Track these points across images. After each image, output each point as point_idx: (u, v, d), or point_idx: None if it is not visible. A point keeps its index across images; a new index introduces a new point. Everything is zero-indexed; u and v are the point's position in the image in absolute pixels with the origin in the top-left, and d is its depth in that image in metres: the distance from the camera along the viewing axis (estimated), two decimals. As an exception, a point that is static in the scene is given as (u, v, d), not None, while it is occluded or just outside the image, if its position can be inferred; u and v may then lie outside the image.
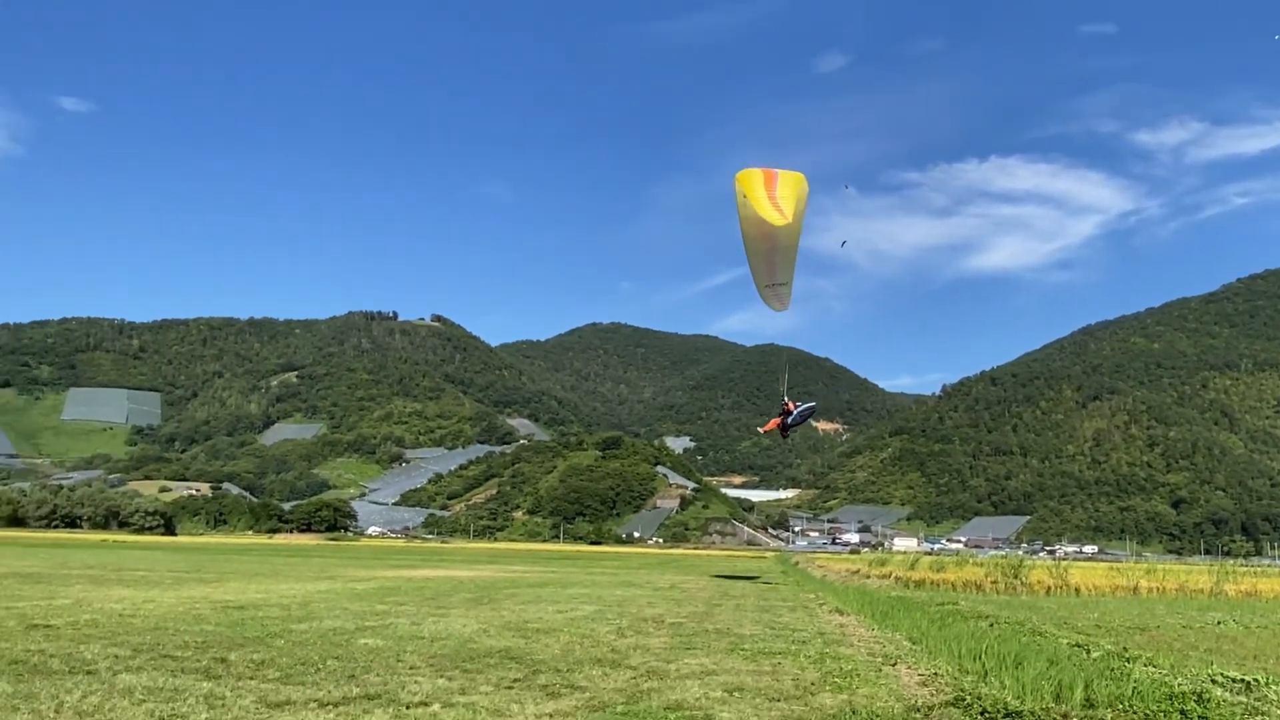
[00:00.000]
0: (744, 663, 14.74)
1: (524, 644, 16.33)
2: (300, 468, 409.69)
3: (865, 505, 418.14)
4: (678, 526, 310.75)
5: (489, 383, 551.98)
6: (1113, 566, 65.55)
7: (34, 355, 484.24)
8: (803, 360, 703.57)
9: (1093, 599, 39.19)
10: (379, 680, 12.01)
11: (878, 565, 57.12)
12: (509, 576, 45.07)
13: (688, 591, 36.25)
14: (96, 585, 29.29)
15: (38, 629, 16.42)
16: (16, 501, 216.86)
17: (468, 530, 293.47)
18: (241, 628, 17.71)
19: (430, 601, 26.23)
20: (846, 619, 24.05)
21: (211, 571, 41.67)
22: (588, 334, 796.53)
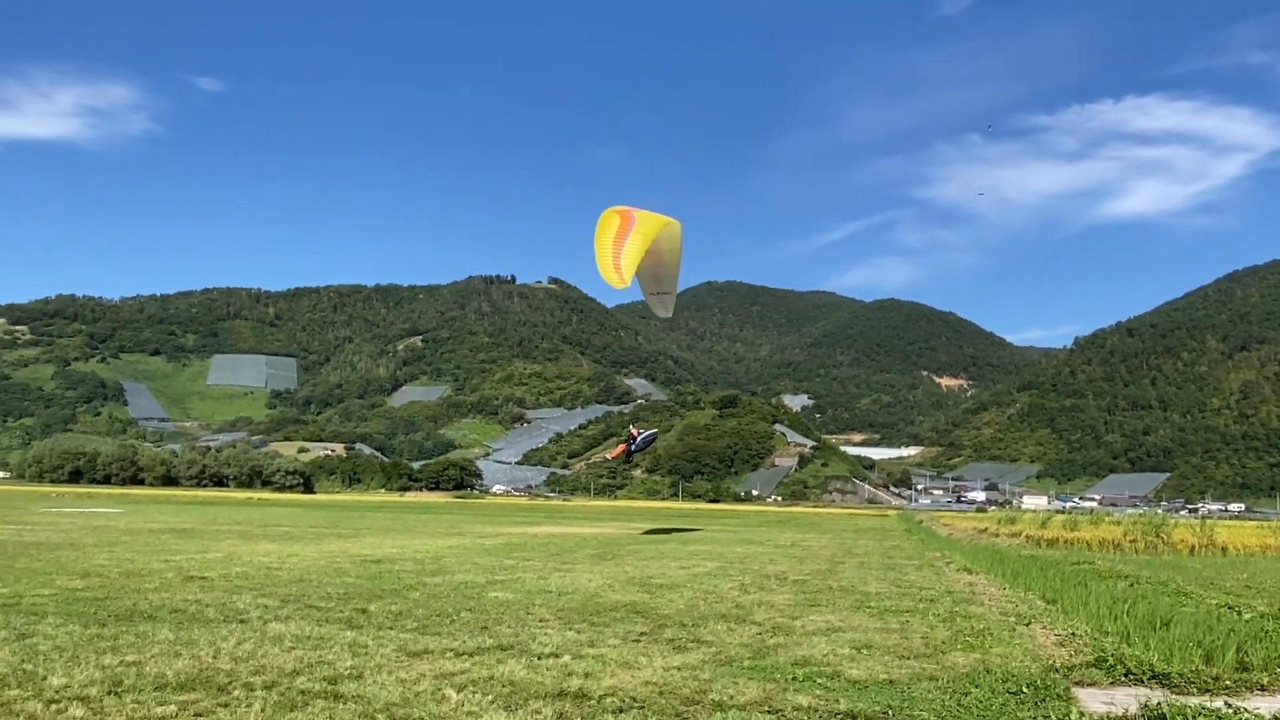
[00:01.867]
0: (871, 620, 14.56)
1: (648, 599, 16.51)
2: (427, 428, 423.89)
3: (992, 463, 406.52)
4: (796, 485, 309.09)
5: (606, 343, 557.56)
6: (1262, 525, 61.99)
7: (180, 325, 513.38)
8: (924, 315, 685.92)
9: (1241, 559, 37.20)
10: (510, 632, 12.33)
11: (1007, 524, 55.53)
12: (630, 533, 45.69)
13: (809, 549, 36.03)
14: (245, 540, 31.02)
15: (194, 580, 17.49)
16: (170, 462, 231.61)
17: (588, 488, 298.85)
18: (379, 580, 18.47)
19: (555, 557, 26.81)
20: (975, 578, 23.47)
21: (349, 527, 43.59)
22: (703, 293, 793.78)
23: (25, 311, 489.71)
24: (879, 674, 10.29)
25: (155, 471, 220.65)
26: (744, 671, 10.22)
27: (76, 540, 27.90)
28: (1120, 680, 10.39)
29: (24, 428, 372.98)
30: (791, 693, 9.26)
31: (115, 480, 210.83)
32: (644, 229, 37.03)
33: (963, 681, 9.99)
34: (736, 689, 9.33)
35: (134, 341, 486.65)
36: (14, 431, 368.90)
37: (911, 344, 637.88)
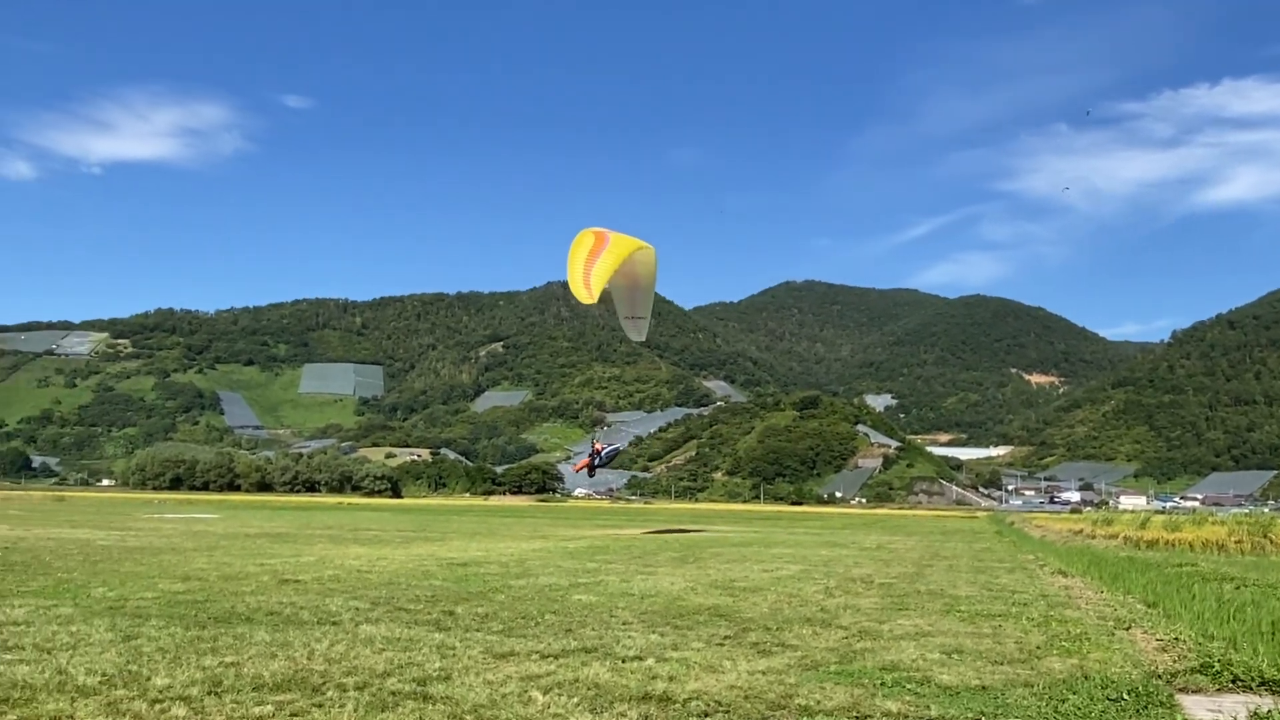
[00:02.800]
0: (961, 624, 14.22)
1: (732, 602, 16.42)
2: (509, 433, 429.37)
3: (1086, 462, 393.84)
4: (881, 486, 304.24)
5: (684, 346, 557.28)
6: (1381, 525, 58.73)
7: (272, 335, 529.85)
8: (1012, 311, 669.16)
9: (1358, 561, 35.28)
10: (594, 634, 12.38)
11: (1103, 524, 53.79)
12: (712, 536, 45.53)
13: (896, 551, 35.41)
14: (336, 544, 31.81)
15: (288, 583, 17.99)
16: (264, 469, 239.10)
17: (669, 491, 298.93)
18: (465, 583, 18.74)
19: (638, 560, 26.85)
20: (1071, 580, 22.77)
21: (435, 531, 44.37)
22: (781, 293, 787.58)
23: (127, 326, 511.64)
24: (971, 679, 10.04)
25: (251, 478, 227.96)
26: (830, 676, 10.08)
27: (177, 545, 28.97)
28: (1227, 687, 9.96)
29: (127, 437, 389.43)
30: (880, 698, 9.10)
31: (213, 487, 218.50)
32: (616, 250, 38.32)
33: (1059, 688, 9.69)
34: (823, 694, 9.20)
35: (229, 352, 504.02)
36: (118, 441, 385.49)
37: (999, 341, 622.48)
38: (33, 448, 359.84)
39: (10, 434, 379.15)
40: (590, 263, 37.63)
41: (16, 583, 16.87)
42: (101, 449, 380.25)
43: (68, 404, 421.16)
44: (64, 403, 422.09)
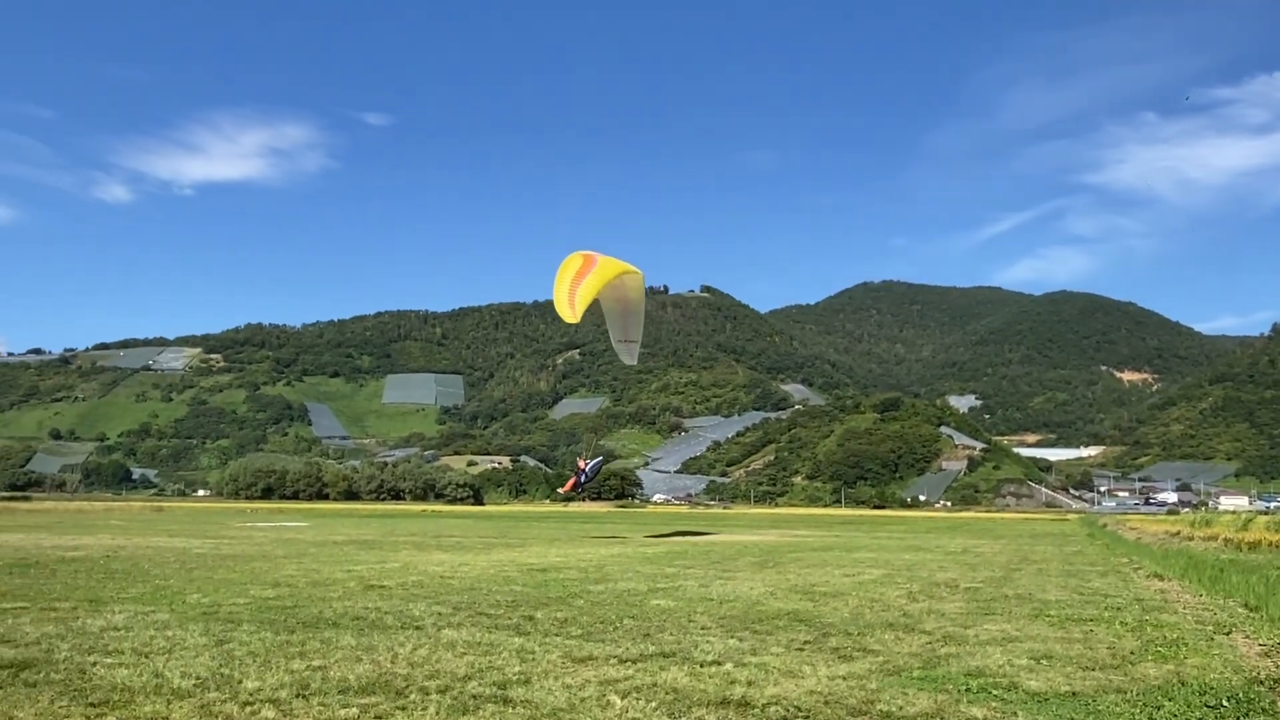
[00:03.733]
0: (1050, 630, 13.82)
1: (812, 607, 16.23)
2: (588, 439, 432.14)
3: (1182, 462, 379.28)
4: (966, 489, 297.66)
5: (760, 349, 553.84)
6: None
7: (356, 347, 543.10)
8: (1101, 306, 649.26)
9: None
10: (673, 639, 12.36)
11: (1201, 526, 51.75)
12: (792, 541, 45.11)
13: (982, 555, 34.60)
14: (419, 550, 32.39)
15: (373, 589, 18.37)
16: (350, 478, 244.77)
17: (748, 496, 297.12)
18: (545, 588, 18.90)
19: (716, 565, 26.74)
20: (1167, 584, 21.95)
21: (516, 537, 44.85)
22: (859, 294, 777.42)
23: (219, 341, 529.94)
24: (1060, 686, 9.75)
25: (338, 487, 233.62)
26: (913, 681, 9.89)
27: (268, 552, 29.83)
28: (1339, 696, 9.46)
29: (221, 449, 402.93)
30: (965, 704, 8.89)
31: (302, 496, 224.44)
32: (603, 272, 39.55)
33: (1154, 694, 9.34)
34: (906, 699, 9.03)
35: (315, 365, 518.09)
36: (212, 453, 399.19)
37: (1088, 338, 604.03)
38: (133, 460, 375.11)
39: (111, 447, 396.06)
40: (576, 283, 39.05)
41: (117, 589, 17.56)
42: (196, 460, 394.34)
43: (164, 417, 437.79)
44: (161, 416, 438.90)
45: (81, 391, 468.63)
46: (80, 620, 13.13)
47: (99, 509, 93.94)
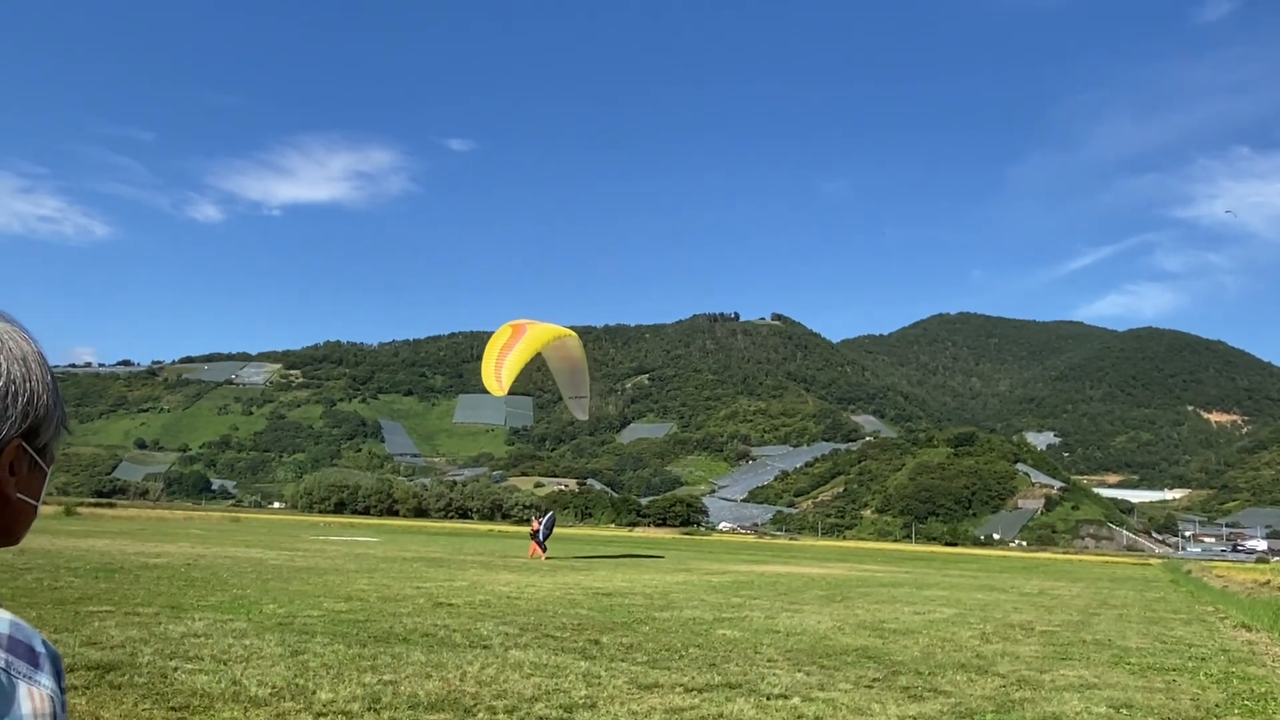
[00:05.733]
0: (1131, 678, 13.35)
1: (881, 644, 15.95)
2: (654, 465, 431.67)
3: (1273, 508, 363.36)
4: (1043, 529, 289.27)
5: (831, 379, 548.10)
6: None
7: (429, 367, 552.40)
8: (1188, 345, 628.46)
9: None
10: (738, 670, 12.26)
11: (1293, 576, 49.47)
12: (861, 575, 44.36)
13: (1059, 598, 33.59)
14: (487, 570, 32.67)
15: (442, 607, 18.59)
16: (420, 495, 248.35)
17: (816, 527, 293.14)
18: (611, 613, 18.90)
19: (783, 597, 26.44)
20: (1255, 635, 21.03)
21: (582, 561, 44.95)
22: (934, 325, 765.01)
23: (298, 358, 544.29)
24: (1141, 737, 9.41)
25: (408, 504, 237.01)
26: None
27: (340, 566, 30.40)
28: None
29: (297, 463, 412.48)
30: (1040, 751, 8.64)
31: (373, 511, 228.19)
32: (531, 342, 41.16)
33: (1243, 752, 8.96)
34: (978, 743, 8.81)
35: (390, 383, 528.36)
36: (289, 466, 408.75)
37: (1174, 376, 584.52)
38: (212, 471, 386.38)
39: (193, 458, 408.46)
40: (504, 355, 40.43)
41: (197, 597, 18.08)
42: (273, 473, 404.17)
43: (244, 430, 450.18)
44: (241, 429, 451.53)
45: (166, 403, 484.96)
46: (162, 626, 13.54)
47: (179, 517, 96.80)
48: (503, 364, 40.38)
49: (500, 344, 41.21)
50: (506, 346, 40.91)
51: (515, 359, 40.51)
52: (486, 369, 41.22)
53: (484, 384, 42.14)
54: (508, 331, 41.81)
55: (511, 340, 41.16)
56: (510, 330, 41.84)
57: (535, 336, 41.66)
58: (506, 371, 40.26)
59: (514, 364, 40.42)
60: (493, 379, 40.65)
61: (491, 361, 40.87)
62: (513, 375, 40.50)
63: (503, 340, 41.35)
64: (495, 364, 40.60)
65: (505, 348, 40.87)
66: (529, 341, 41.20)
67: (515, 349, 40.77)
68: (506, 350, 40.77)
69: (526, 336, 41.30)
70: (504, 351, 40.76)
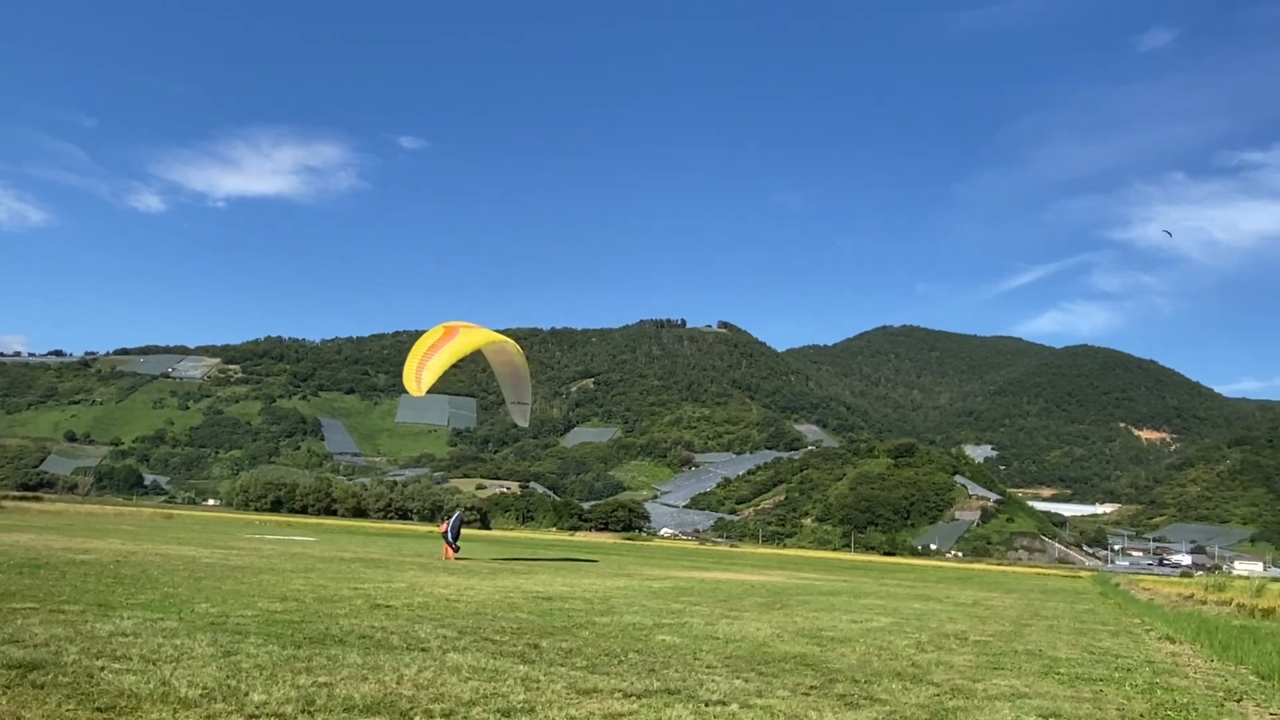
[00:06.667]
0: (1060, 687, 13.65)
1: (819, 651, 16.10)
2: (597, 469, 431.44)
3: (1199, 524, 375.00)
4: (979, 540, 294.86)
5: (776, 388, 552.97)
6: None
7: (372, 365, 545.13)
8: (1122, 363, 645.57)
9: None
10: (678, 676, 12.28)
11: (1215, 590, 51.05)
12: (800, 583, 44.77)
13: (993, 608, 34.24)
14: (426, 572, 32.35)
15: (380, 608, 18.36)
16: (360, 495, 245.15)
17: (756, 535, 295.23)
18: (551, 617, 18.83)
19: (723, 603, 26.58)
20: (1179, 648, 21.66)
21: (522, 564, 44.73)
22: (877, 338, 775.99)
23: (238, 352, 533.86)
24: (1069, 746, 9.62)
25: (347, 503, 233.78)
26: (920, 733, 9.78)
27: (276, 566, 29.87)
28: (1354, 772, 9.31)
29: (233, 459, 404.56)
30: (972, 759, 8.79)
31: (311, 510, 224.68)
32: (461, 345, 40.55)
33: (1165, 760, 9.21)
34: (912, 751, 8.93)
35: (331, 381, 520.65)
36: (225, 463, 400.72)
37: (1107, 394, 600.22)
38: (145, 466, 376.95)
39: (125, 452, 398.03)
40: (428, 356, 39.76)
41: (126, 595, 17.62)
42: (209, 469, 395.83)
43: (180, 425, 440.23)
44: (176, 424, 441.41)
45: (99, 395, 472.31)
46: (89, 624, 13.17)
47: (109, 513, 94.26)
48: (426, 364, 39.54)
49: (428, 344, 40.37)
50: (434, 347, 40.14)
51: (440, 361, 39.69)
52: (409, 368, 40.38)
53: (403, 382, 41.42)
54: (439, 333, 40.99)
55: (440, 341, 40.39)
56: (442, 331, 41.04)
57: (467, 341, 40.94)
58: (429, 372, 39.45)
59: (438, 365, 39.56)
60: (412, 379, 39.80)
61: (415, 361, 39.97)
62: (434, 377, 39.69)
63: (431, 340, 40.53)
64: (418, 364, 39.73)
65: (433, 348, 40.10)
66: (458, 345, 40.42)
67: (442, 351, 40.02)
68: (433, 351, 39.99)
69: (457, 340, 40.55)
70: (430, 352, 39.95)
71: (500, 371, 45.00)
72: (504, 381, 45.90)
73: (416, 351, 40.32)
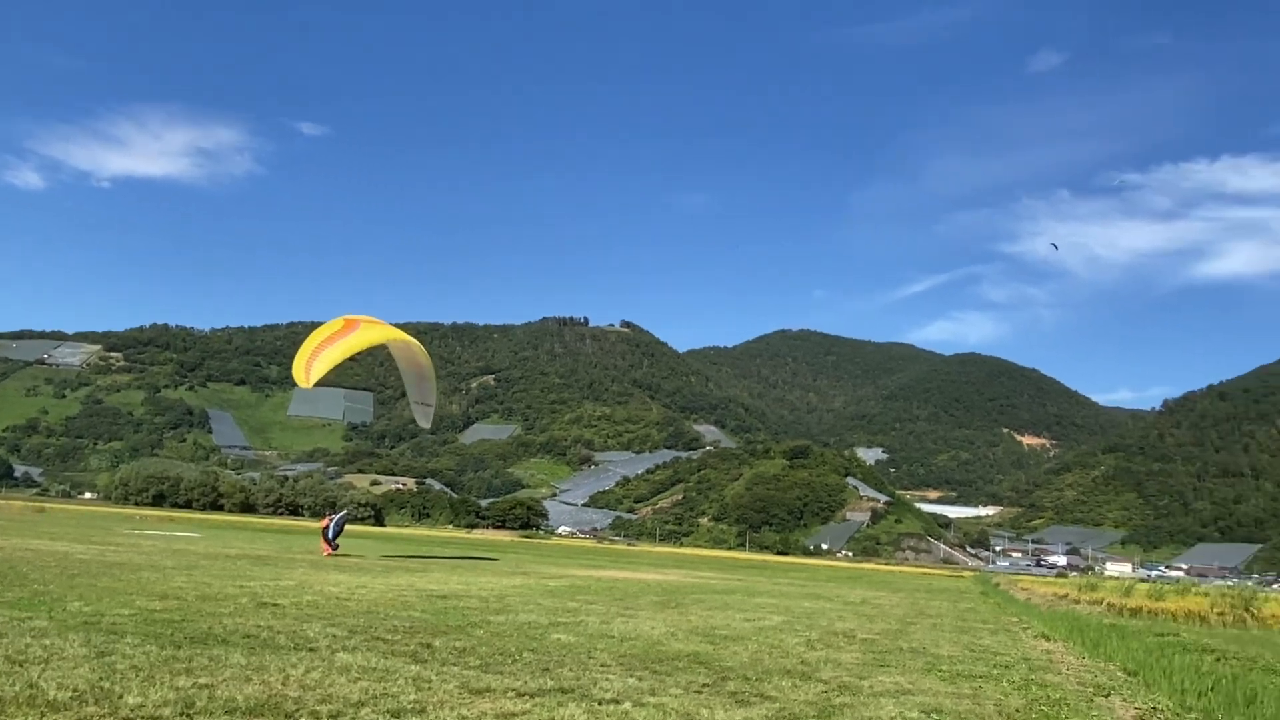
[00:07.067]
0: (941, 684, 14.13)
1: (712, 649, 16.30)
2: (496, 466, 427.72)
3: (1074, 526, 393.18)
4: (868, 540, 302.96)
5: (676, 388, 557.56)
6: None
7: (265, 356, 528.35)
8: (1006, 371, 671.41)
9: (1340, 640, 35.19)
10: (572, 675, 12.27)
11: (1088, 590, 53.61)
12: (695, 582, 45.23)
13: (880, 607, 35.21)
14: (316, 570, 31.53)
15: (266, 607, 17.82)
16: (248, 490, 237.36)
17: (654, 534, 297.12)
18: (444, 616, 18.58)
19: (619, 602, 26.65)
20: (1053, 645, 22.66)
21: (417, 562, 44.03)
22: (776, 341, 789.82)
23: (120, 339, 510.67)
24: (948, 740, 9.97)
25: (234, 498, 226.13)
26: (808, 729, 9.99)
27: (157, 562, 28.71)
28: (1206, 762, 9.90)
29: (113, 451, 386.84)
30: (856, 754, 9.02)
31: (196, 505, 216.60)
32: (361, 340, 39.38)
33: (1037, 753, 9.62)
34: (800, 747, 9.12)
35: (221, 371, 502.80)
36: (104, 454, 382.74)
37: (992, 400, 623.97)
38: (16, 457, 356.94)
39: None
40: (323, 348, 38.63)
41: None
42: (86, 461, 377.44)
43: (55, 414, 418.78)
44: (51, 413, 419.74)
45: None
46: (-51, 623, 12.44)
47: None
48: (319, 356, 38.20)
49: (324, 336, 38.98)
50: (330, 340, 38.81)
51: (335, 354, 38.43)
52: (300, 358, 38.91)
53: (293, 373, 39.95)
54: (338, 325, 39.63)
55: (338, 334, 39.04)
56: (342, 324, 39.67)
57: (367, 337, 39.75)
58: (321, 364, 38.16)
59: (331, 359, 38.30)
60: (302, 370, 38.40)
61: (308, 352, 38.58)
62: (326, 369, 38.42)
63: (329, 333, 39.15)
64: (310, 355, 38.37)
65: (328, 340, 38.76)
66: (357, 340, 39.14)
67: (339, 344, 38.71)
68: (329, 343, 38.64)
69: (356, 334, 39.23)
70: (325, 344, 38.60)
71: (405, 370, 43.90)
72: (408, 381, 44.81)
73: (311, 342, 38.98)
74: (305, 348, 38.93)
